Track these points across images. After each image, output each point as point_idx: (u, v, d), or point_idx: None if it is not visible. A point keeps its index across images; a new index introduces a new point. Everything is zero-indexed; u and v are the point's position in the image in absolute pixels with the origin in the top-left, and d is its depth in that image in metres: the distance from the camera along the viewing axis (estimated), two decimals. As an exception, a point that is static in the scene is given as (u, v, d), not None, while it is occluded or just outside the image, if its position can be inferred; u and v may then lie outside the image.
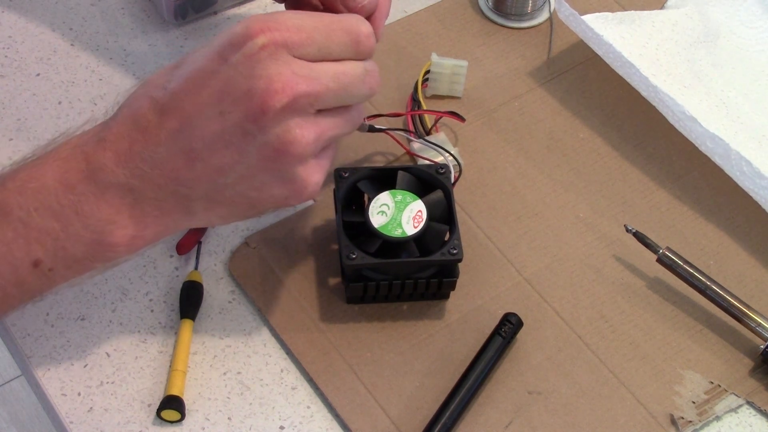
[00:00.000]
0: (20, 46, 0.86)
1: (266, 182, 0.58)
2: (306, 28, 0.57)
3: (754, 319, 0.72)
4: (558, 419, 0.69)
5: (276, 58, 0.55)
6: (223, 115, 0.55)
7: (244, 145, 0.56)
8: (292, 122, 0.56)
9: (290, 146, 0.57)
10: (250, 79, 0.55)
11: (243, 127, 0.56)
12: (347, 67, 0.59)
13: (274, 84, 0.55)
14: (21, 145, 0.80)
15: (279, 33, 0.56)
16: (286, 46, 0.56)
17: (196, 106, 0.56)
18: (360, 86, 0.60)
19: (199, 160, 0.56)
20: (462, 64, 0.82)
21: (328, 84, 0.57)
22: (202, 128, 0.56)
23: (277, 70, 0.55)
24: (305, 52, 0.57)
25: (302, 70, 0.56)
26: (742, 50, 0.88)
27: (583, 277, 0.76)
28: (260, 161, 0.57)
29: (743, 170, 0.76)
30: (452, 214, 0.71)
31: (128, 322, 0.72)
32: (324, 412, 0.69)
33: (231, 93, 0.55)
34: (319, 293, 0.73)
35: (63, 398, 0.69)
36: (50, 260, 0.58)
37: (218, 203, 0.59)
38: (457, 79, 0.83)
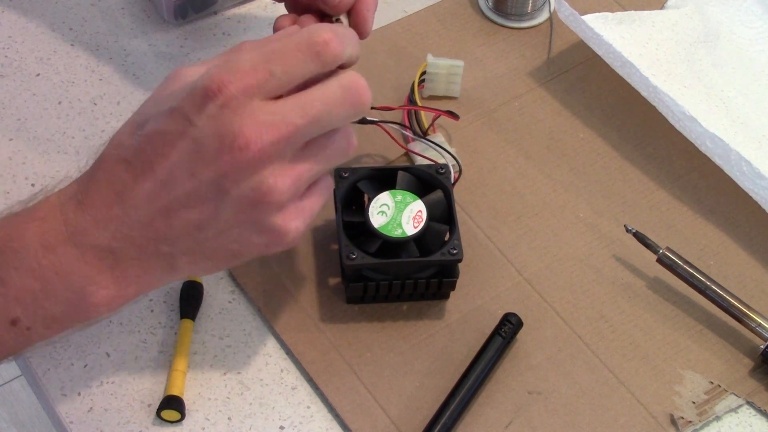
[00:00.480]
0: (20, 46, 0.86)
1: (245, 234, 0.57)
2: (260, 65, 0.55)
3: (754, 319, 0.72)
4: (558, 419, 0.69)
5: (238, 111, 0.54)
6: (194, 176, 0.55)
7: (219, 202, 0.56)
8: (265, 172, 0.55)
9: (265, 197, 0.56)
10: (216, 139, 0.54)
11: (216, 184, 0.55)
12: (315, 94, 0.56)
13: (239, 140, 0.54)
14: (21, 145, 0.80)
15: (235, 84, 0.54)
16: (246, 93, 0.54)
17: (166, 168, 0.55)
18: (339, 108, 0.57)
19: (176, 218, 0.56)
20: (458, 64, 0.82)
21: (295, 122, 0.55)
22: (176, 189, 0.55)
23: (240, 123, 0.54)
24: (268, 90, 0.55)
25: (267, 116, 0.55)
26: (742, 50, 0.88)
27: (583, 277, 0.76)
28: (237, 214, 0.56)
29: (743, 170, 0.76)
30: (452, 214, 0.71)
31: (128, 322, 0.72)
32: (324, 412, 0.69)
33: (199, 154, 0.55)
34: (319, 293, 0.73)
35: (63, 398, 0.69)
36: (29, 319, 0.57)
37: (201, 257, 0.58)
38: (454, 80, 0.83)
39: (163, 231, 0.56)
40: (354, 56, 0.59)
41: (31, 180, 0.78)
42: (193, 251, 0.58)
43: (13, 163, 0.79)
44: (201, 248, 0.58)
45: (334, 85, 0.57)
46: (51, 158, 0.79)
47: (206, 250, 0.58)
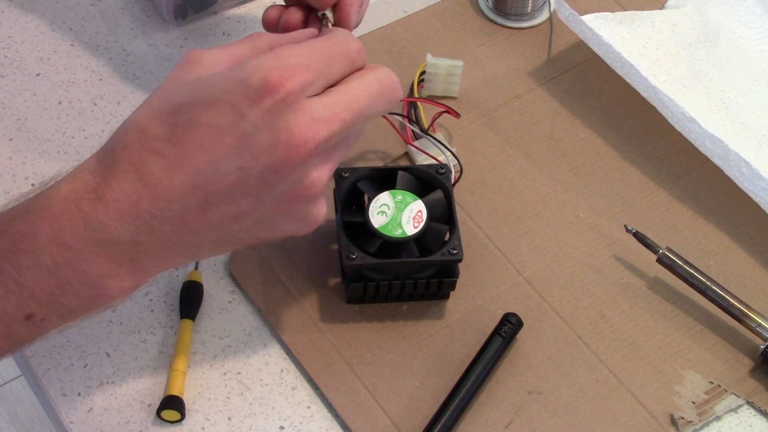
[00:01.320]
0: (20, 46, 0.86)
1: (278, 222, 0.58)
2: (311, 65, 0.56)
3: (754, 319, 0.72)
4: (558, 419, 0.69)
5: (294, 108, 0.55)
6: (242, 170, 0.54)
7: (263, 194, 0.56)
8: (310, 166, 0.56)
9: (308, 191, 0.57)
10: (271, 134, 0.54)
11: (263, 178, 0.55)
12: (359, 89, 0.58)
13: (296, 137, 0.54)
14: (21, 145, 0.80)
15: (293, 81, 0.55)
16: (302, 91, 0.55)
17: (211, 161, 0.54)
18: (378, 102, 0.59)
19: (214, 212, 0.55)
20: (457, 64, 0.82)
21: (345, 117, 0.57)
22: (219, 183, 0.54)
23: (297, 120, 0.54)
24: (315, 89, 0.56)
25: (319, 112, 0.55)
26: (742, 50, 0.88)
27: (583, 277, 0.76)
28: (276, 206, 0.57)
29: (742, 171, 0.76)
30: (452, 214, 0.71)
31: (128, 322, 0.72)
32: (324, 412, 0.69)
33: (251, 148, 0.54)
34: (319, 293, 0.73)
35: (63, 398, 0.69)
36: (43, 313, 0.56)
37: (226, 245, 0.58)
38: (453, 79, 0.83)
39: (195, 225, 0.55)
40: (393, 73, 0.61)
41: (31, 180, 0.78)
42: (221, 241, 0.57)
43: (13, 163, 0.79)
44: (230, 237, 0.57)
45: (372, 80, 0.59)
46: (51, 158, 0.79)
47: (234, 239, 0.58)
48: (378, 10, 0.90)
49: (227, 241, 0.58)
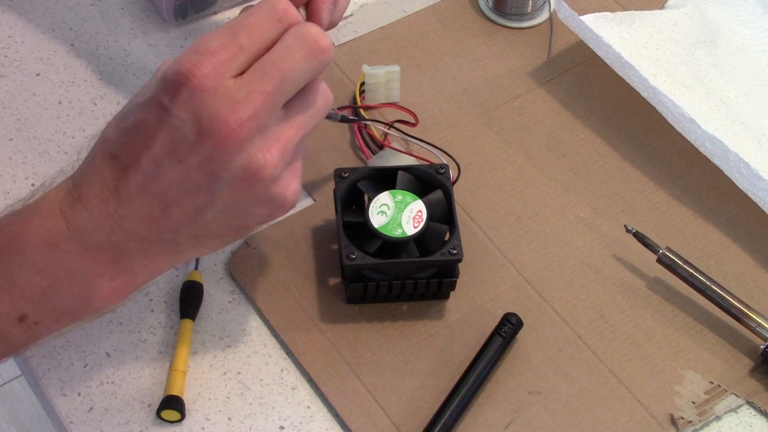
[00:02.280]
0: (20, 46, 0.86)
1: (246, 208, 0.58)
2: (228, 42, 0.55)
3: (754, 319, 0.72)
4: (558, 419, 0.69)
5: (212, 93, 0.54)
6: (182, 163, 0.55)
7: (213, 184, 0.56)
8: (252, 149, 0.55)
9: (257, 174, 0.56)
10: (195, 124, 0.54)
11: (205, 168, 0.55)
12: (275, 55, 0.56)
13: (219, 123, 0.54)
14: (21, 145, 0.80)
15: (205, 65, 0.54)
16: (217, 73, 0.54)
17: (152, 158, 0.55)
18: (301, 62, 0.56)
19: (174, 206, 0.56)
20: (394, 69, 0.81)
21: (265, 89, 0.55)
22: (166, 178, 0.55)
23: (216, 105, 0.54)
24: (239, 64, 0.55)
25: (237, 92, 0.54)
26: (742, 50, 0.88)
27: (583, 277, 0.76)
28: (233, 193, 0.56)
29: (742, 172, 0.76)
30: (452, 214, 0.71)
31: (128, 322, 0.72)
32: (324, 412, 0.69)
33: (182, 141, 0.54)
34: (319, 293, 0.73)
35: (63, 398, 0.69)
36: (37, 314, 0.57)
37: (206, 237, 0.59)
38: (393, 85, 0.82)
39: (163, 221, 0.56)
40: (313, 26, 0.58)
41: (31, 180, 0.78)
42: (197, 234, 0.58)
43: (13, 163, 0.79)
44: (204, 230, 0.58)
45: (289, 40, 0.56)
46: (51, 158, 0.79)
47: (210, 231, 0.58)
48: (378, 10, 0.90)
49: (204, 235, 0.58)
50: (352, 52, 0.87)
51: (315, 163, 0.80)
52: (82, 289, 0.57)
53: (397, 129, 0.78)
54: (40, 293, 0.57)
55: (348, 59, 0.86)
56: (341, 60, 0.86)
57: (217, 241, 0.60)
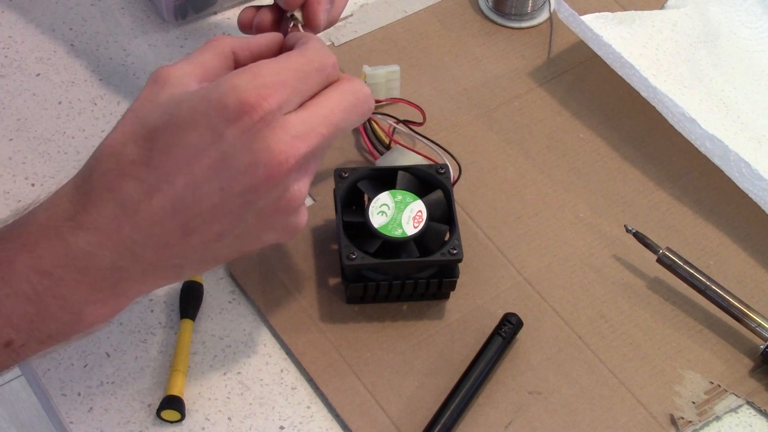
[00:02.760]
0: (20, 46, 0.86)
1: (261, 235, 0.58)
2: (287, 82, 0.56)
3: (754, 319, 0.72)
4: (558, 419, 0.69)
5: (272, 126, 0.54)
6: (223, 191, 0.54)
7: (244, 212, 0.55)
8: (290, 182, 0.56)
9: (289, 204, 0.56)
10: (250, 154, 0.54)
11: (244, 197, 0.55)
12: (334, 103, 0.58)
13: (276, 156, 0.54)
14: (21, 145, 0.80)
15: (270, 100, 0.54)
16: (279, 109, 0.55)
17: (190, 184, 0.53)
18: (353, 115, 0.59)
19: (196, 233, 0.55)
20: (394, 69, 0.81)
21: (322, 132, 0.56)
22: (200, 205, 0.54)
23: (276, 139, 0.54)
24: (292, 105, 0.56)
25: (297, 129, 0.55)
26: (742, 50, 0.88)
27: (583, 277, 0.76)
28: (258, 220, 0.56)
29: (742, 171, 0.76)
30: (452, 214, 0.71)
31: (128, 322, 0.72)
32: (324, 412, 0.69)
33: (230, 169, 0.54)
34: (319, 293, 0.73)
35: (63, 398, 0.69)
36: (23, 339, 0.55)
37: (209, 262, 0.58)
38: (393, 85, 0.82)
39: (177, 248, 0.55)
40: (364, 86, 0.61)
41: (31, 180, 0.78)
42: (204, 259, 0.57)
43: (13, 163, 0.79)
44: (213, 255, 0.57)
45: (348, 94, 0.59)
46: (51, 158, 0.79)
47: (217, 256, 0.58)
48: (378, 10, 0.90)
49: (210, 259, 0.58)
50: (352, 52, 0.87)
51: (315, 163, 0.80)
52: (71, 315, 0.55)
53: (405, 124, 0.79)
54: (28, 320, 0.55)
55: (348, 59, 0.86)
56: (341, 60, 0.86)
57: (215, 264, 0.59)
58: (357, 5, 0.90)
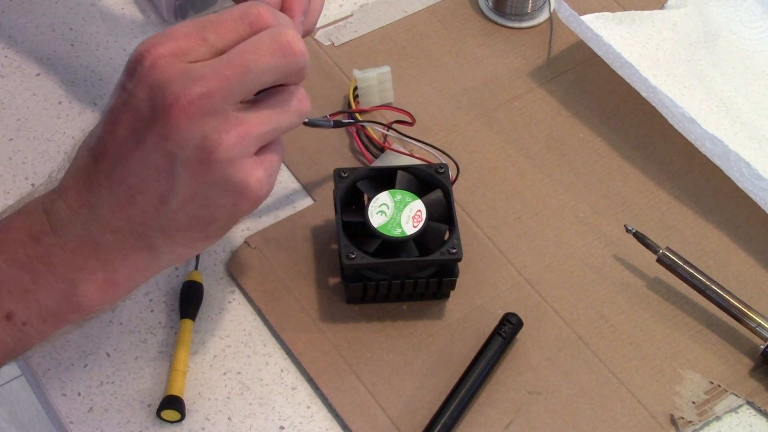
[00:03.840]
0: (20, 46, 0.86)
1: (209, 195, 0.57)
2: (194, 32, 0.56)
3: (754, 319, 0.72)
4: (558, 419, 0.69)
5: (167, 71, 0.54)
6: (140, 142, 0.55)
7: (171, 167, 0.55)
8: (207, 128, 0.55)
9: (213, 153, 0.55)
10: (149, 100, 0.55)
11: (162, 147, 0.55)
12: (243, 46, 0.56)
13: (168, 95, 0.54)
14: (21, 145, 0.80)
15: (164, 46, 0.55)
16: (175, 55, 0.55)
17: (116, 142, 0.56)
18: (268, 58, 0.56)
19: (138, 194, 0.56)
20: (385, 70, 0.81)
21: (224, 73, 0.55)
22: (128, 161, 0.56)
23: (169, 80, 0.54)
24: (199, 54, 0.55)
25: (195, 71, 0.55)
26: (742, 50, 0.88)
27: (583, 277, 0.76)
28: (192, 177, 0.56)
29: (742, 171, 0.76)
30: (452, 213, 0.71)
31: (128, 322, 0.72)
32: (324, 412, 0.69)
33: (140, 119, 0.55)
34: (319, 293, 0.73)
35: (63, 398, 0.69)
36: (23, 312, 0.58)
37: (176, 231, 0.58)
38: (386, 86, 0.82)
39: (130, 210, 0.57)
40: (289, 28, 0.58)
41: (31, 180, 0.78)
42: (166, 227, 0.58)
43: (13, 163, 0.79)
44: (172, 222, 0.57)
45: (262, 36, 0.56)
46: (51, 158, 0.79)
47: (179, 224, 0.58)
48: (378, 10, 0.90)
49: (172, 229, 0.58)
50: (352, 52, 0.87)
51: (315, 163, 0.80)
52: (65, 285, 0.57)
53: (395, 130, 0.78)
54: (24, 289, 0.57)
55: (348, 59, 0.86)
56: (341, 60, 0.86)
57: (187, 237, 0.59)
58: (357, 5, 0.90)
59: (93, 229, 0.57)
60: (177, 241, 0.59)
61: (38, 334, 0.59)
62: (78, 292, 0.58)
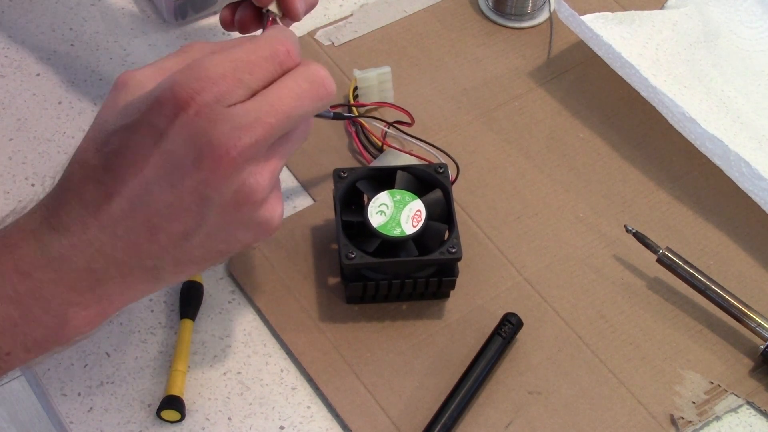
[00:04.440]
0: (20, 46, 0.86)
1: (232, 232, 0.57)
2: (229, 73, 0.55)
3: (754, 319, 0.72)
4: (558, 419, 0.69)
5: (212, 119, 0.53)
6: (174, 187, 0.54)
7: (203, 209, 0.55)
8: (245, 174, 0.55)
9: (249, 198, 0.55)
10: (193, 148, 0.53)
11: (197, 192, 0.54)
12: (284, 91, 0.56)
13: (217, 148, 0.53)
14: (21, 145, 0.80)
15: (206, 93, 0.54)
16: (217, 102, 0.54)
17: (141, 184, 0.54)
18: (307, 102, 0.57)
19: (161, 232, 0.55)
20: (386, 70, 0.81)
21: (270, 121, 0.55)
22: (155, 203, 0.54)
23: (216, 131, 0.53)
24: (236, 97, 0.55)
25: (239, 119, 0.54)
26: (742, 50, 0.88)
27: (583, 277, 0.76)
28: (222, 217, 0.56)
29: (742, 171, 0.76)
30: (451, 213, 0.71)
31: (128, 322, 0.72)
32: (324, 412, 0.69)
33: (177, 165, 0.54)
34: (319, 293, 0.73)
35: (63, 398, 0.69)
36: (8, 345, 0.56)
37: (188, 263, 0.58)
38: (386, 86, 0.81)
39: (147, 247, 0.55)
40: (322, 68, 0.59)
41: (31, 180, 0.78)
42: (179, 260, 0.57)
43: (13, 163, 0.79)
44: (188, 255, 0.57)
45: (300, 79, 0.57)
46: (51, 158, 0.79)
47: (193, 257, 0.57)
48: (378, 10, 0.90)
49: (186, 261, 0.57)
50: (352, 52, 0.87)
51: (315, 163, 0.80)
52: (55, 319, 0.55)
53: (396, 128, 0.78)
54: (12, 324, 0.55)
55: (348, 59, 0.86)
56: (341, 60, 0.86)
57: (197, 267, 0.59)
58: (357, 5, 0.90)
59: (97, 266, 0.55)
60: (184, 271, 0.58)
61: (20, 362, 0.57)
62: (67, 325, 0.56)
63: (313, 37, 0.88)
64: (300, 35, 0.87)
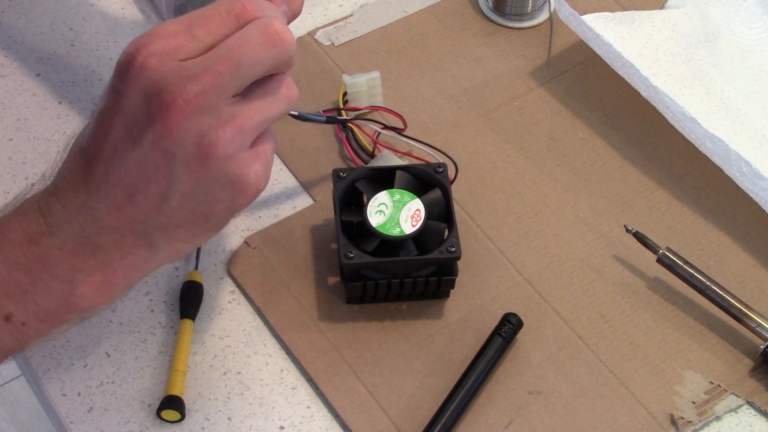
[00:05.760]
0: (20, 46, 0.86)
1: (207, 191, 0.57)
2: (182, 29, 0.56)
3: (754, 319, 0.72)
4: (558, 419, 0.69)
5: (159, 70, 0.55)
6: (136, 143, 0.55)
7: (170, 165, 0.56)
8: (203, 125, 0.55)
9: (210, 150, 0.55)
10: (144, 101, 0.55)
11: (159, 147, 0.55)
12: (232, 40, 0.56)
13: (165, 96, 0.54)
14: (21, 145, 0.80)
15: (154, 45, 0.55)
16: (166, 54, 0.55)
17: (111, 144, 0.56)
18: (258, 50, 0.56)
19: (137, 193, 0.56)
20: (375, 75, 0.81)
21: (217, 68, 0.55)
22: (125, 162, 0.56)
23: (164, 81, 0.54)
24: (189, 51, 0.56)
25: (187, 69, 0.55)
26: (742, 50, 0.88)
27: (583, 277, 0.76)
28: (191, 174, 0.56)
29: (743, 171, 0.76)
30: (451, 212, 0.71)
31: (128, 322, 0.72)
32: (324, 412, 0.69)
33: (134, 120, 0.55)
34: (319, 293, 0.73)
35: (63, 398, 0.69)
36: (22, 314, 0.58)
37: (175, 228, 0.59)
38: (375, 92, 0.81)
39: (129, 210, 0.57)
40: (276, 19, 0.58)
41: (31, 180, 0.78)
42: (166, 224, 0.58)
43: (13, 163, 0.79)
44: (172, 219, 0.58)
45: (252, 29, 0.57)
46: (51, 158, 0.79)
47: (178, 220, 0.58)
48: (378, 10, 0.90)
49: (172, 226, 0.58)
50: (352, 52, 0.87)
51: (314, 163, 0.80)
52: (63, 285, 0.57)
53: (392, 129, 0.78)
54: (22, 290, 0.57)
55: (348, 59, 0.86)
56: (341, 60, 0.86)
57: (187, 232, 0.59)
58: (357, 5, 0.90)
59: (91, 231, 0.57)
60: (176, 237, 0.59)
61: (36, 333, 0.59)
62: (76, 293, 0.58)
63: (313, 37, 0.88)
64: (300, 35, 0.87)
